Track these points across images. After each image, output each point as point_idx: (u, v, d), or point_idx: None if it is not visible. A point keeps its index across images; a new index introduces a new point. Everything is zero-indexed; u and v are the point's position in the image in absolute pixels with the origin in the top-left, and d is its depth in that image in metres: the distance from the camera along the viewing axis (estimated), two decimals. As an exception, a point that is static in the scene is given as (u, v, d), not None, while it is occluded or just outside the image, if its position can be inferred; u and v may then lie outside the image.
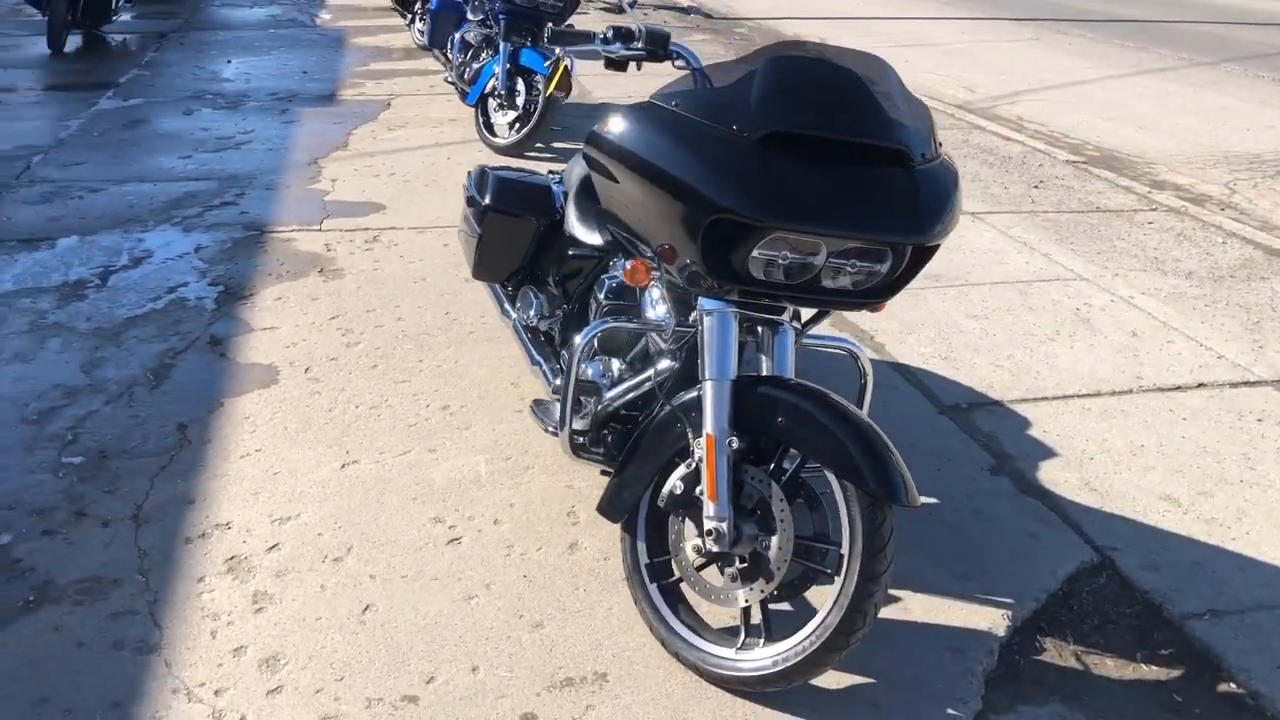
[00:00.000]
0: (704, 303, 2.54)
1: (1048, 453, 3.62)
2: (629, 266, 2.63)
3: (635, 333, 2.93)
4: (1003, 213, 6.08)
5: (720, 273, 2.39)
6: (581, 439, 2.95)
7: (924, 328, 4.56)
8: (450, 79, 7.71)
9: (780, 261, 2.39)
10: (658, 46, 2.60)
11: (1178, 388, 4.11)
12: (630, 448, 2.69)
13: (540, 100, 6.74)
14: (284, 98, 8.48)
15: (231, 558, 2.98)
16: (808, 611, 2.51)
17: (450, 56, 7.90)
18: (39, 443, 3.51)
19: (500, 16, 6.97)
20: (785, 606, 2.69)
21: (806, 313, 2.83)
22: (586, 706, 2.49)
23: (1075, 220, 6.03)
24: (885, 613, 2.80)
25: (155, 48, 10.52)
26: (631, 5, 11.98)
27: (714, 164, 2.31)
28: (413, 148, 7.14)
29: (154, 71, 9.39)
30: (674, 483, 2.58)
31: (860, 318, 4.59)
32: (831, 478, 2.42)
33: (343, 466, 3.43)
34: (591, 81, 8.67)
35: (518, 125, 6.96)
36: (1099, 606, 2.92)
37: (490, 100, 7.05)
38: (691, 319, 2.64)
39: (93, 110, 7.95)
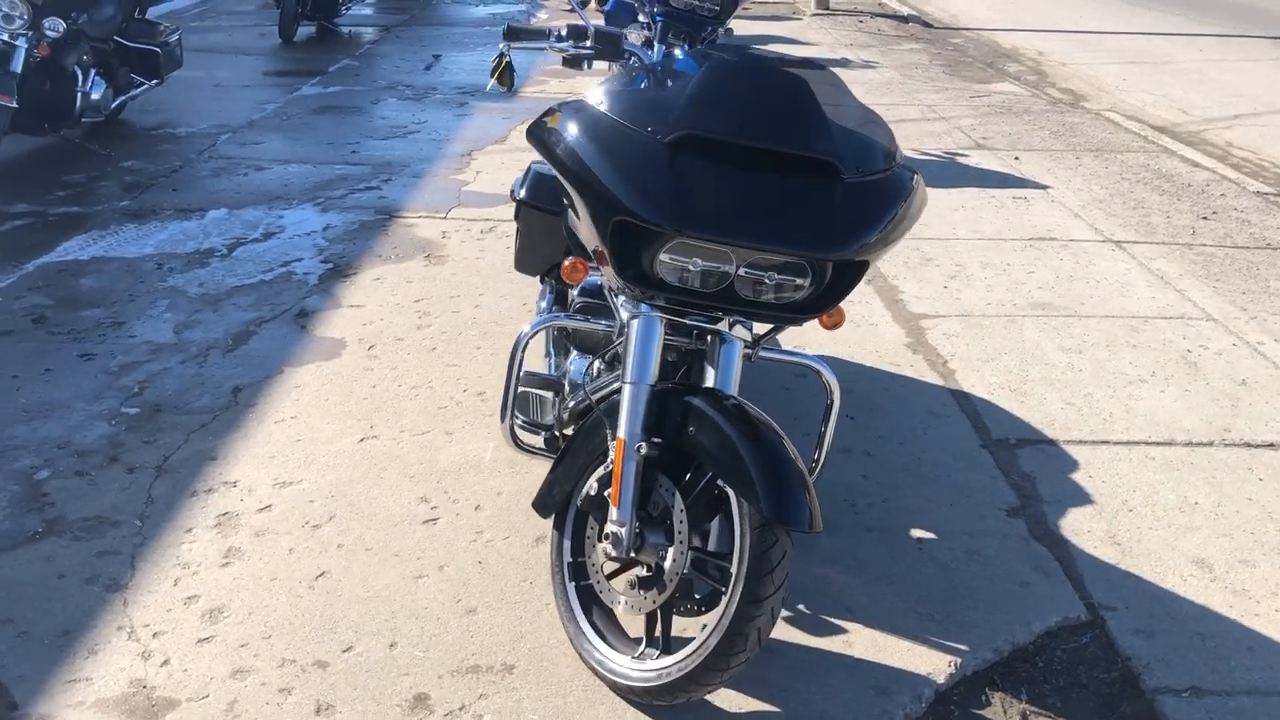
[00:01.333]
0: (632, 307, 2.52)
1: (1083, 499, 3.36)
2: (566, 264, 2.64)
3: (606, 332, 2.93)
4: (1150, 243, 5.66)
5: (631, 276, 2.37)
6: (558, 432, 2.98)
7: (1005, 357, 4.31)
8: (611, 79, 7.84)
9: (692, 269, 2.34)
10: (608, 46, 2.59)
11: (1270, 445, 3.73)
12: (565, 446, 2.70)
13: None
14: (468, 92, 8.84)
15: (224, 514, 3.17)
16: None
17: (617, 57, 8.02)
18: (109, 392, 3.84)
19: (658, 19, 7.03)
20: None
21: (763, 326, 2.74)
22: (480, 695, 2.52)
23: (1234, 256, 5.54)
24: (825, 643, 2.71)
25: (374, 40, 11.17)
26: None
27: (621, 165, 2.29)
28: (564, 144, 7.28)
29: (363, 62, 9.98)
30: (590, 484, 2.58)
31: (939, 343, 4.40)
32: (731, 493, 2.36)
33: (360, 440, 3.58)
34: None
35: (665, 127, 7.00)
36: (1070, 668, 2.70)
37: (642, 101, 7.11)
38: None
39: (292, 96, 8.54)
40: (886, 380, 4.10)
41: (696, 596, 2.47)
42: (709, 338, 2.62)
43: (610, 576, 2.57)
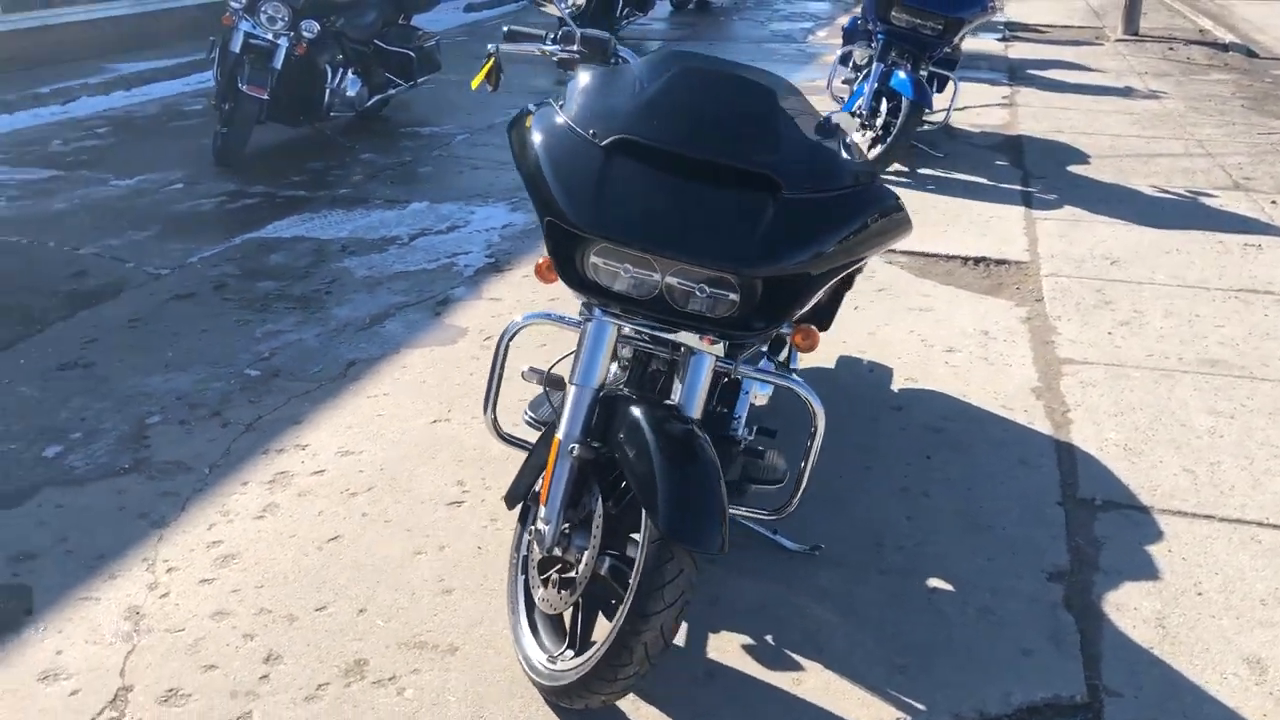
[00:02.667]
0: (588, 311, 2.55)
1: (1147, 574, 3.04)
2: (540, 262, 2.69)
3: None
4: (1385, 306, 4.96)
5: (569, 278, 2.40)
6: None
7: (1138, 412, 3.94)
8: (834, 95, 7.74)
9: (623, 274, 2.34)
10: (595, 50, 2.62)
11: None
12: (538, 441, 2.75)
13: (898, 125, 6.61)
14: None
15: (281, 472, 3.44)
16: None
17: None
18: (243, 355, 4.24)
19: (879, 37, 6.91)
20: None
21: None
22: (414, 669, 2.62)
23: None
24: (773, 677, 2.61)
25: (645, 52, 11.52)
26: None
27: (557, 166, 2.32)
28: (774, 160, 7.27)
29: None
30: (538, 481, 2.62)
31: (1070, 390, 4.08)
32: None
33: (432, 422, 3.77)
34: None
35: (873, 147, 6.86)
36: (1036, 749, 2.47)
37: (854, 120, 7.01)
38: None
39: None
40: (990, 423, 3.84)
41: (613, 603, 2.46)
42: (681, 349, 2.59)
43: (544, 573, 2.59)
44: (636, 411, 2.40)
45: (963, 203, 6.37)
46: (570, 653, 2.48)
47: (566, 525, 2.46)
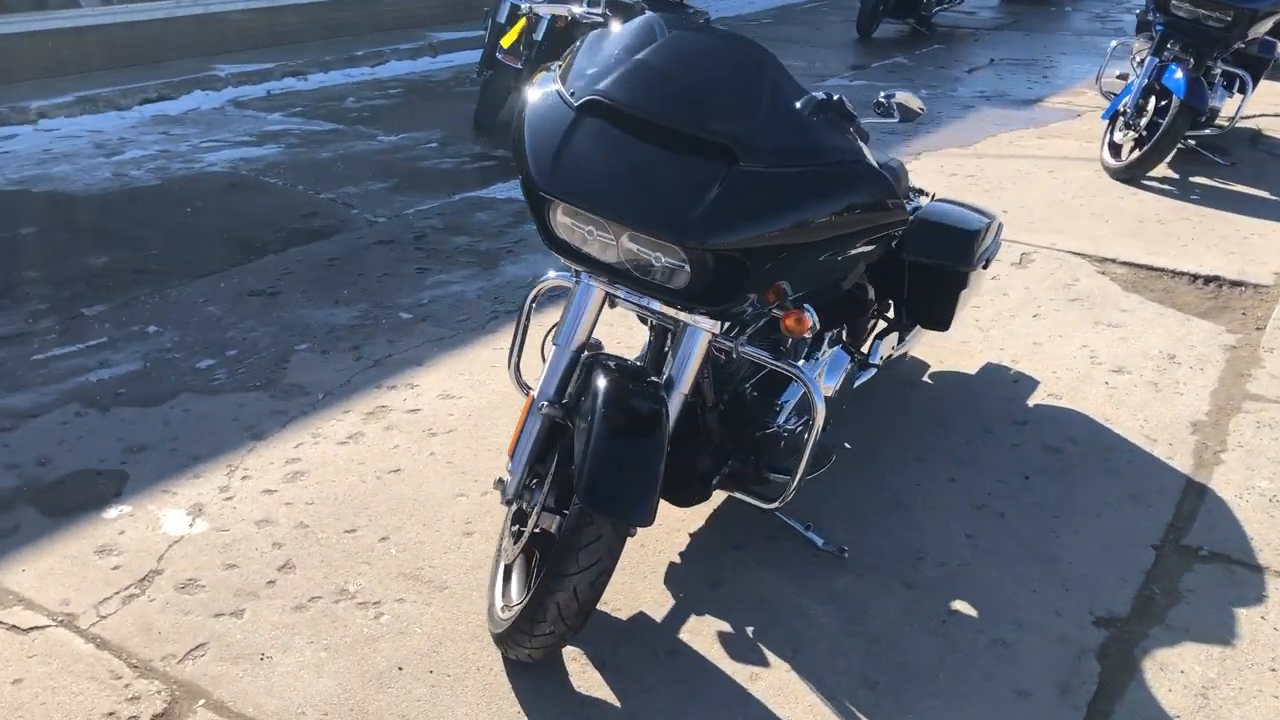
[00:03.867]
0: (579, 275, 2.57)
1: (1219, 639, 2.69)
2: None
3: None
4: None
5: (546, 239, 2.44)
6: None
7: (1308, 463, 3.45)
8: (1102, 90, 7.15)
9: (588, 238, 2.36)
10: (620, 15, 2.62)
11: None
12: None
13: (1162, 127, 6.05)
14: (989, 96, 8.55)
15: (382, 406, 3.69)
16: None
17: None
18: (404, 301, 4.55)
19: (1158, 28, 6.33)
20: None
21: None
22: (398, 599, 2.76)
23: None
24: (732, 667, 2.54)
25: (944, 43, 11.10)
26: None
27: (531, 126, 2.36)
28: (1027, 155, 6.86)
29: (917, 62, 10.02)
30: None
31: (1239, 430, 3.64)
32: None
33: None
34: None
35: (1135, 149, 6.32)
36: (989, 795, 2.28)
37: (1119, 118, 6.48)
38: None
39: (827, 84, 8.87)
40: (1120, 451, 3.49)
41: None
42: (679, 323, 2.57)
43: (513, 525, 2.64)
44: (603, 379, 2.40)
45: (1224, 216, 5.73)
46: (516, 604, 2.53)
47: (534, 479, 2.50)
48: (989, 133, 7.41)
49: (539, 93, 2.42)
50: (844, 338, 3.27)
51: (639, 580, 2.82)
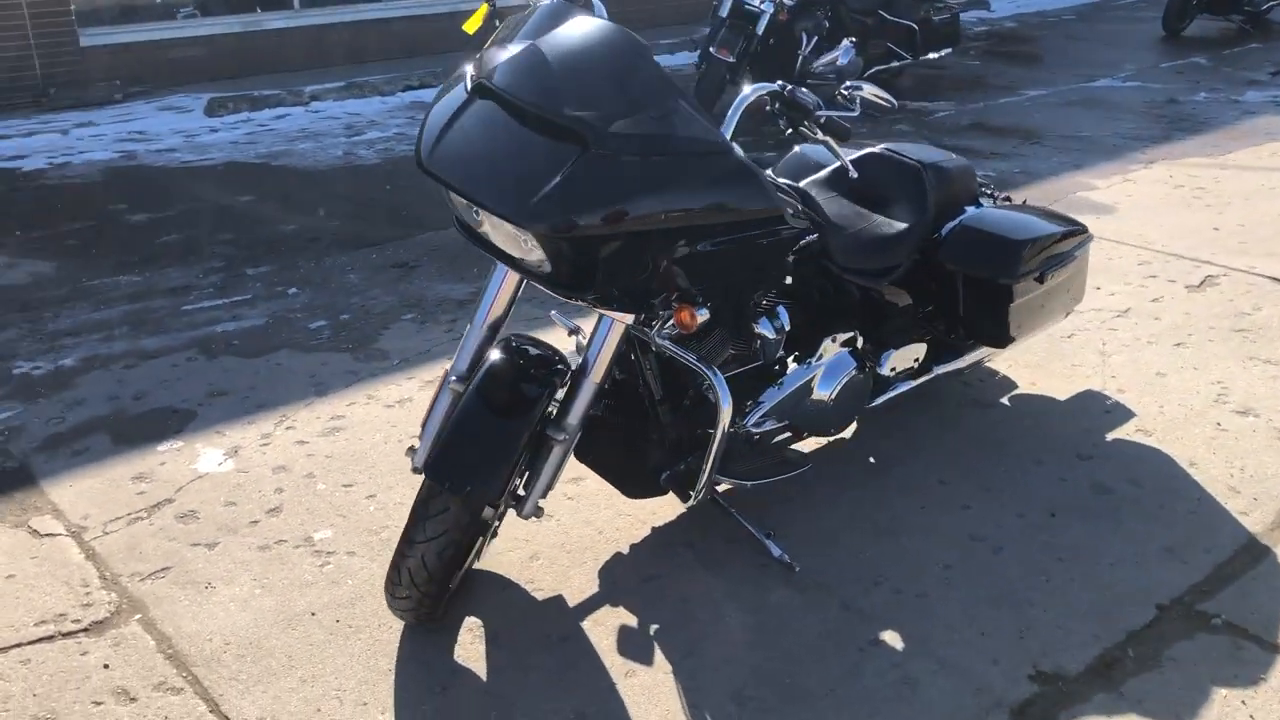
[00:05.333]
0: None
1: (1173, 715, 2.39)
2: None
3: None
4: None
5: (455, 222, 2.52)
6: None
7: None
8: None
9: (476, 219, 2.42)
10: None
11: None
12: None
13: None
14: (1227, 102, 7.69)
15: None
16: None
17: None
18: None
19: None
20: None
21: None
22: (349, 551, 2.93)
23: None
24: (614, 663, 2.52)
25: (1265, 43, 10.01)
26: None
27: (435, 108, 2.43)
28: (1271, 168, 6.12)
29: (1219, 64, 9.13)
30: None
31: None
32: None
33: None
34: None
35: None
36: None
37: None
38: None
39: (1072, 88, 8.32)
40: (1184, 500, 3.12)
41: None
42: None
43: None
44: (495, 356, 2.46)
45: None
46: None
47: None
48: (1254, 143, 6.65)
49: (458, 75, 2.49)
50: (859, 344, 3.10)
51: (577, 565, 2.84)
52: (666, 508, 3.03)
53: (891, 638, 2.57)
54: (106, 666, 2.50)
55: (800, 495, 3.10)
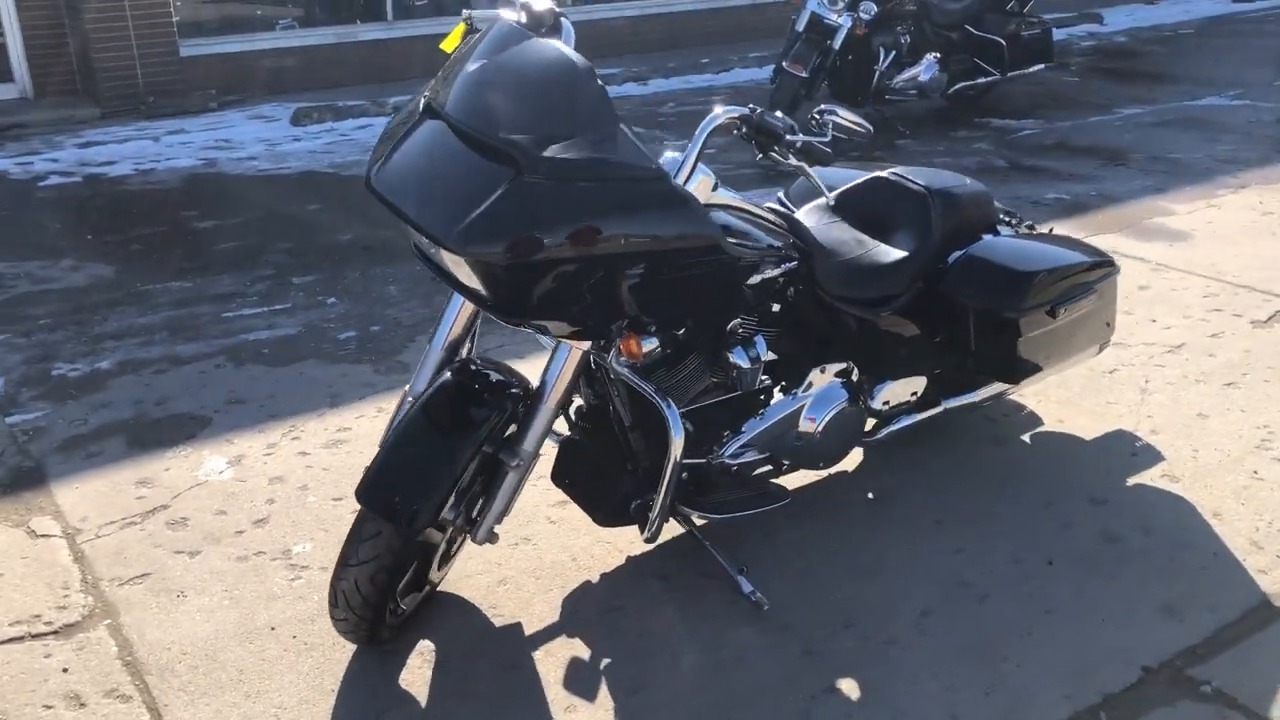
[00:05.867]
0: None
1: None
2: None
3: None
4: None
5: (412, 246, 2.52)
6: None
7: None
8: None
9: (413, 235, 2.40)
10: (534, 19, 2.61)
11: None
12: None
13: None
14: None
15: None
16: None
17: None
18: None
19: None
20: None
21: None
22: (322, 567, 2.95)
23: None
24: (556, 697, 2.48)
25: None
26: None
27: (389, 127, 2.44)
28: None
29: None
30: None
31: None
32: None
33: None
34: None
35: None
36: None
37: None
38: None
39: (1197, 103, 7.97)
40: (1201, 551, 2.93)
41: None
42: None
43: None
44: (446, 378, 2.45)
45: None
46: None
47: None
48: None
49: (416, 96, 2.48)
50: (854, 376, 2.99)
51: (544, 592, 2.80)
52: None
53: (848, 686, 2.46)
54: (66, 670, 2.55)
55: (785, 529, 3.00)
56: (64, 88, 8.45)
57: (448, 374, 2.45)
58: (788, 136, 2.46)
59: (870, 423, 3.16)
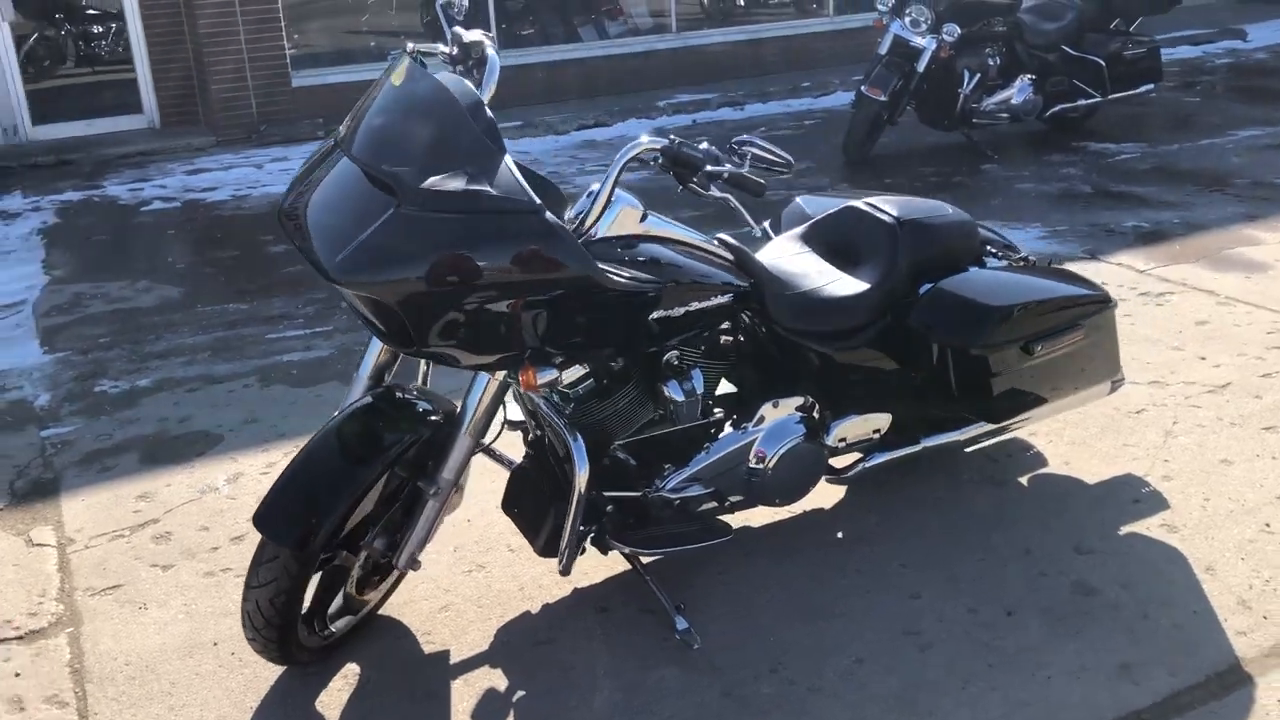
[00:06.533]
0: None
1: None
2: None
3: None
4: None
5: None
6: None
7: None
8: None
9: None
10: (463, 53, 2.64)
11: None
12: None
13: None
14: None
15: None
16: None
17: None
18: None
19: None
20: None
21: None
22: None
23: None
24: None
25: None
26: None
27: (306, 161, 2.51)
28: None
29: None
30: None
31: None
32: None
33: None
34: None
35: None
36: None
37: None
38: None
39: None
40: (1180, 609, 2.74)
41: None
42: None
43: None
44: (358, 405, 2.50)
45: None
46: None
47: None
48: None
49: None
50: (815, 411, 2.91)
51: (482, 620, 2.81)
52: (598, 568, 2.95)
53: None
54: (18, 675, 2.68)
55: (742, 567, 2.94)
56: (186, 117, 8.94)
57: (366, 398, 2.49)
58: (707, 168, 2.42)
59: (850, 459, 3.06)
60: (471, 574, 2.97)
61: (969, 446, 3.22)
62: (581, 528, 2.65)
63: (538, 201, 2.16)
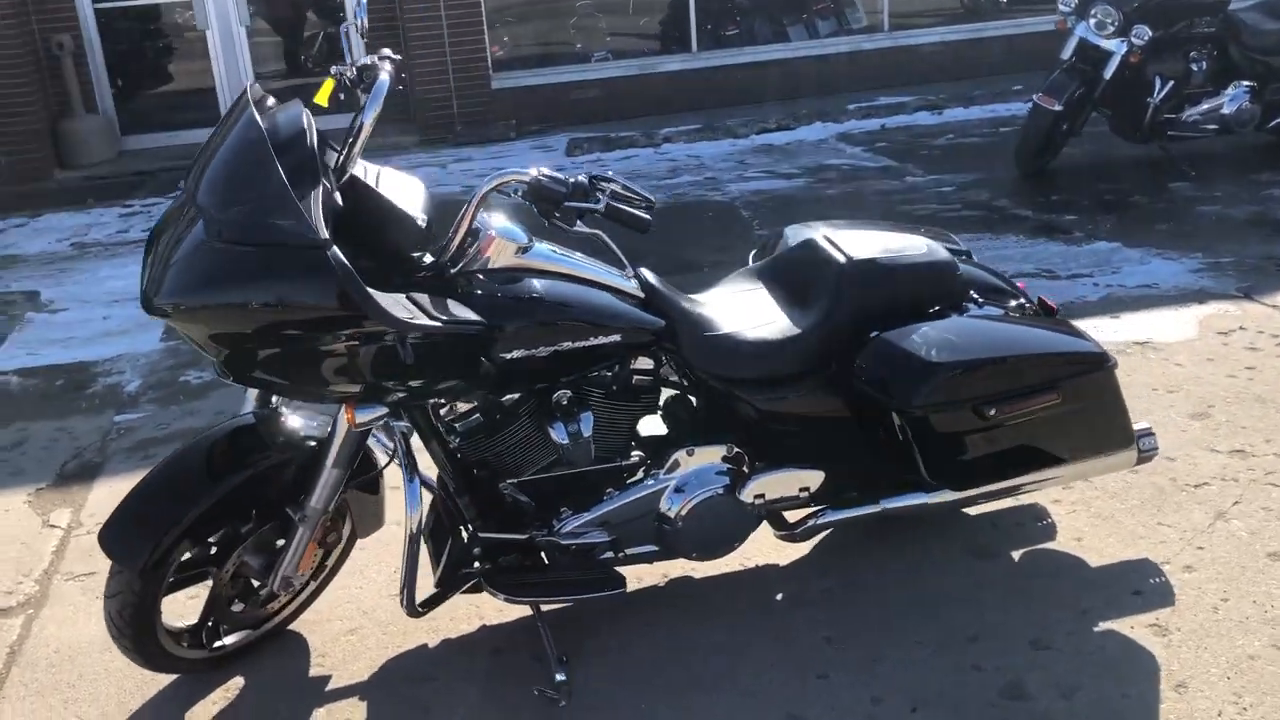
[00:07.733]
0: None
1: None
2: None
3: None
4: None
5: None
6: None
7: None
8: None
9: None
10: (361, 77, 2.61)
11: None
12: None
13: None
14: None
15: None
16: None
17: None
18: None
19: None
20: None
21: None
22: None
23: None
24: None
25: None
26: None
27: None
28: None
29: None
30: None
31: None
32: None
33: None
34: None
35: None
36: None
37: None
38: None
39: None
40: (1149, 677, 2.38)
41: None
42: None
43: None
44: (227, 424, 2.56)
45: None
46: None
47: None
48: None
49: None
50: (744, 463, 2.71)
51: (378, 649, 2.80)
52: (512, 608, 2.85)
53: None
54: (-35, 650, 2.88)
55: (664, 620, 2.78)
56: (399, 115, 9.40)
57: (247, 416, 2.51)
58: (566, 204, 2.29)
59: (801, 513, 2.83)
60: (394, 599, 2.94)
61: (967, 507, 2.89)
62: (465, 570, 2.58)
63: (324, 237, 2.09)
